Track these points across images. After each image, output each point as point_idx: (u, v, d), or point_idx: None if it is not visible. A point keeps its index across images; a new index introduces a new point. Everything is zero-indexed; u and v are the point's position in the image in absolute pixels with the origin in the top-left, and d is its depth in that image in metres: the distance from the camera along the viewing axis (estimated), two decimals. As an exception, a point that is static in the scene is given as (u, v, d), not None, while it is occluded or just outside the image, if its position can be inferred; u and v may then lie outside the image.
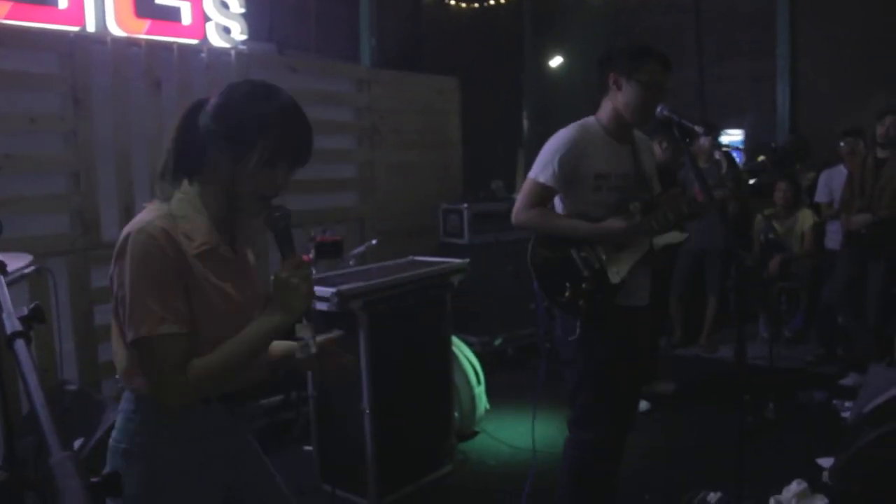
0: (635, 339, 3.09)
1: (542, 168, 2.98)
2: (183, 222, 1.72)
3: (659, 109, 2.96)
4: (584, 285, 2.95)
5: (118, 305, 1.69)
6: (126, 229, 1.69)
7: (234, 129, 1.71)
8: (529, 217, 3.02)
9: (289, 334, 1.83)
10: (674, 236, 3.11)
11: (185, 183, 1.79)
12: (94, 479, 0.82)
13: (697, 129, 3.14)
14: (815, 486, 3.73)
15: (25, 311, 1.19)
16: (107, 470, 1.76)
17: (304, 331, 1.77)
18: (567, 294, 2.95)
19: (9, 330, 1.14)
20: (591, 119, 3.06)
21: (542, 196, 3.01)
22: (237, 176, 1.73)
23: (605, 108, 3.03)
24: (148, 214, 1.72)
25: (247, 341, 1.72)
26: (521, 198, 3.05)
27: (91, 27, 4.27)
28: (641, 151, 3.11)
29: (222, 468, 1.87)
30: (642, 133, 3.20)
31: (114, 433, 1.80)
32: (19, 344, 1.10)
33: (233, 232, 1.86)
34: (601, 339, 2.97)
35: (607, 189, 2.98)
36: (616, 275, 2.97)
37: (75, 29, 4.20)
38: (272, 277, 1.76)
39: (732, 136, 8.05)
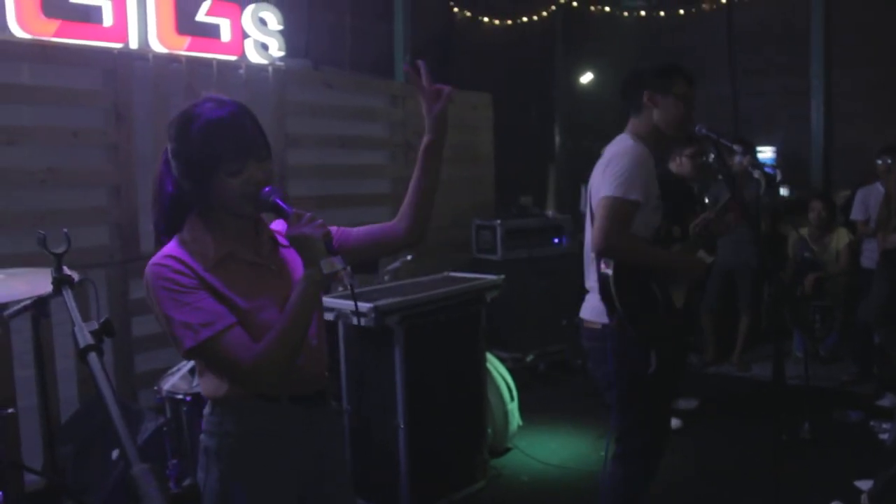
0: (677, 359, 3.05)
1: (629, 185, 2.76)
2: (193, 245, 1.81)
3: (697, 128, 2.97)
4: (673, 320, 2.88)
5: (166, 332, 1.77)
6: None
7: (185, 174, 1.79)
8: (629, 244, 2.79)
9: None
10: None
11: (193, 211, 1.87)
12: (174, 490, 0.85)
13: (736, 147, 3.16)
14: (854, 509, 3.70)
15: (96, 325, 1.22)
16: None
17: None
18: (654, 325, 2.84)
19: (81, 344, 1.18)
20: (630, 137, 2.96)
21: (632, 216, 2.79)
22: (214, 200, 1.80)
23: (641, 127, 2.97)
24: (158, 252, 1.81)
25: (294, 301, 1.77)
26: (610, 221, 2.74)
27: (134, 44, 4.35)
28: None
29: (295, 471, 1.92)
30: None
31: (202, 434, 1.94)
32: (92, 357, 1.13)
33: (257, 243, 1.91)
34: (659, 364, 2.89)
35: (656, 209, 2.92)
36: (679, 301, 2.93)
37: (118, 45, 4.28)
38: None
39: (764, 154, 7.99)
